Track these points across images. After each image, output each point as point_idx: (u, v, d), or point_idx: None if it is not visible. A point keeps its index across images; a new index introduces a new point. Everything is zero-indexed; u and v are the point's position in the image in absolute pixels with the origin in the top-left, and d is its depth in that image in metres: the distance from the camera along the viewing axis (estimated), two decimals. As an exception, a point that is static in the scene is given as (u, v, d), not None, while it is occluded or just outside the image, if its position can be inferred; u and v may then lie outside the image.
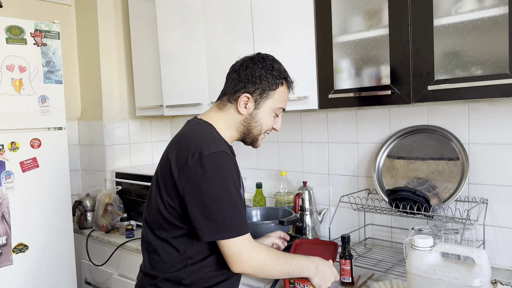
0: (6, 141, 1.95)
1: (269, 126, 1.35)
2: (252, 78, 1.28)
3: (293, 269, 1.26)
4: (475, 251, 1.13)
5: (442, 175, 1.66)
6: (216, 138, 1.25)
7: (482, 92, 1.32)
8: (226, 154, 1.20)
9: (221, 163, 1.18)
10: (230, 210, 1.17)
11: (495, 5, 1.29)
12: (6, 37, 1.93)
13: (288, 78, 1.35)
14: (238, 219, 1.18)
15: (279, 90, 1.31)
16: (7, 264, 1.95)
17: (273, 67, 1.30)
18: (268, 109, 1.32)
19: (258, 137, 1.36)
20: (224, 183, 1.17)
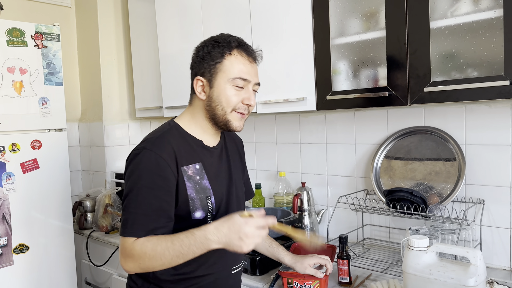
0: (7, 143, 1.97)
1: (233, 101, 1.23)
2: (198, 58, 1.25)
3: (179, 250, 1.10)
4: (470, 251, 1.15)
5: (439, 176, 1.67)
6: (153, 137, 1.22)
7: (477, 93, 1.33)
8: (149, 151, 1.16)
9: (141, 161, 1.16)
10: (136, 209, 1.15)
11: (490, 8, 1.31)
12: (7, 39, 1.95)
13: (240, 45, 1.24)
14: (141, 219, 1.14)
15: (227, 61, 1.21)
16: (7, 264, 1.97)
17: (217, 41, 1.23)
18: (222, 83, 1.22)
19: (227, 118, 1.24)
20: (136, 180, 1.16)
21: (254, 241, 1.07)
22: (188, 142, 1.26)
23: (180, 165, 1.21)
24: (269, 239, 1.54)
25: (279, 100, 1.84)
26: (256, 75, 1.27)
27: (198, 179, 1.24)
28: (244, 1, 1.93)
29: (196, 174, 1.24)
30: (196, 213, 1.23)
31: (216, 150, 1.33)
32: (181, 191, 1.21)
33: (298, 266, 1.45)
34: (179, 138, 1.26)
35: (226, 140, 1.41)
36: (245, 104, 1.24)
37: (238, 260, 1.37)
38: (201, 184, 1.25)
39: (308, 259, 1.46)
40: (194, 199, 1.23)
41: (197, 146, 1.28)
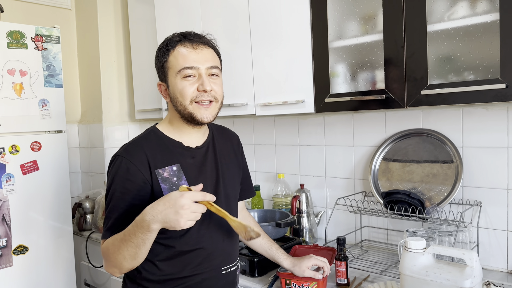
0: (7, 144, 1.98)
1: (187, 93, 1.21)
2: (155, 65, 1.29)
3: (129, 240, 1.11)
4: (466, 253, 1.16)
5: (437, 178, 1.68)
6: (130, 143, 1.27)
7: (474, 96, 1.34)
8: (120, 157, 1.21)
9: (114, 167, 1.22)
10: (109, 213, 1.21)
11: (487, 12, 1.32)
12: (7, 41, 1.96)
13: (183, 38, 1.24)
14: (112, 222, 1.19)
15: (171, 57, 1.23)
16: (7, 265, 1.98)
17: (162, 43, 1.26)
18: (173, 79, 1.23)
19: (189, 111, 1.22)
20: (110, 186, 1.22)
21: (190, 215, 1.04)
22: (166, 145, 1.27)
23: (154, 168, 1.22)
24: (269, 241, 1.54)
25: (278, 102, 1.85)
26: (206, 59, 1.23)
27: (175, 180, 1.24)
28: (243, 4, 1.94)
29: (173, 176, 1.24)
30: None
31: (200, 149, 1.32)
32: (157, 194, 1.22)
33: (296, 270, 1.46)
34: (155, 141, 1.27)
35: (216, 138, 1.39)
36: (200, 91, 1.21)
37: (229, 261, 1.35)
38: (178, 185, 1.24)
39: (306, 261, 1.46)
40: None
41: (176, 147, 1.28)
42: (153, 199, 1.20)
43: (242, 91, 1.98)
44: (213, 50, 1.28)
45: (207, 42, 1.27)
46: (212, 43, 1.29)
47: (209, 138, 1.36)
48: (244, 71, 1.96)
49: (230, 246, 1.36)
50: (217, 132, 1.42)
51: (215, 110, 1.26)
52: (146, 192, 1.21)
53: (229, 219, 1.15)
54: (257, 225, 1.59)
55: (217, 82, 1.26)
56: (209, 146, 1.35)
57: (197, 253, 1.27)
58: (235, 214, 1.41)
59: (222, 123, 2.49)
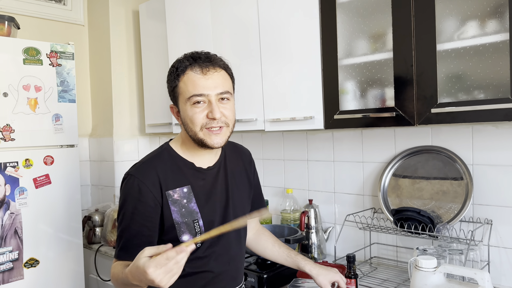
0: (21, 158, 2.01)
1: (197, 120, 1.20)
2: (167, 86, 1.27)
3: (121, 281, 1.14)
4: (478, 273, 1.15)
5: (447, 195, 1.68)
6: (141, 161, 1.28)
7: (484, 115, 1.35)
8: (132, 177, 1.22)
9: (126, 186, 1.23)
10: (121, 232, 1.22)
11: (496, 32, 1.33)
12: (24, 58, 2.01)
13: (193, 61, 1.21)
14: (124, 242, 1.21)
15: (181, 83, 1.21)
16: (18, 278, 1.99)
17: (173, 66, 1.24)
18: (183, 106, 1.22)
19: (199, 137, 1.22)
20: (122, 205, 1.23)
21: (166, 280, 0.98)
22: (178, 165, 1.27)
23: (165, 190, 1.22)
24: (286, 249, 1.52)
25: (287, 118, 1.86)
26: (216, 85, 1.21)
27: (185, 202, 1.24)
28: (253, 21, 1.97)
29: (183, 198, 1.24)
30: (183, 236, 1.23)
31: (212, 170, 1.32)
32: (166, 216, 1.22)
33: (320, 279, 1.42)
34: (168, 161, 1.27)
35: (228, 158, 1.38)
36: (209, 118, 1.20)
37: (233, 284, 1.35)
38: (187, 207, 1.24)
39: (332, 275, 1.42)
40: (180, 223, 1.23)
41: (188, 168, 1.28)
42: (162, 220, 1.22)
43: (252, 107, 2.00)
44: (224, 72, 1.26)
45: (218, 64, 1.24)
46: (223, 64, 1.26)
47: (221, 158, 1.35)
48: (253, 87, 1.98)
49: (235, 270, 1.36)
50: (229, 151, 1.40)
51: (226, 135, 1.25)
52: (157, 213, 1.22)
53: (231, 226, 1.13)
54: (273, 236, 1.58)
55: (228, 107, 1.23)
56: (221, 167, 1.35)
57: (202, 276, 1.27)
58: (243, 234, 1.41)
59: (231, 138, 2.51)
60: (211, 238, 1.23)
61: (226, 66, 1.28)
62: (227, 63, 1.28)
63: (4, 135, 1.95)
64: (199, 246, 1.26)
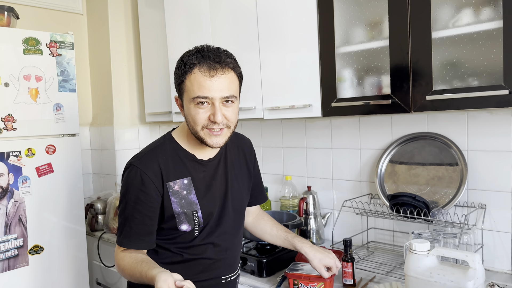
0: (23, 148, 2.04)
1: (199, 120, 1.20)
2: (174, 79, 1.27)
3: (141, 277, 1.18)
4: (469, 255, 1.19)
5: (442, 181, 1.71)
6: (143, 152, 1.29)
7: (478, 102, 1.37)
8: (134, 167, 1.24)
9: (128, 176, 1.25)
10: (124, 220, 1.26)
11: (490, 19, 1.35)
12: (24, 48, 2.03)
13: (202, 60, 1.19)
14: (127, 230, 1.25)
15: (188, 81, 1.20)
16: (23, 265, 2.04)
17: (182, 59, 1.22)
18: (187, 103, 1.22)
19: (199, 135, 1.23)
20: (124, 194, 1.26)
21: None
22: (179, 157, 1.29)
23: (166, 181, 1.25)
24: (284, 232, 1.54)
25: (285, 106, 1.89)
26: (221, 89, 1.19)
27: (185, 193, 1.27)
28: (251, 9, 1.98)
29: (183, 189, 1.27)
30: (182, 226, 1.27)
31: (212, 162, 1.34)
32: (166, 207, 1.26)
33: (315, 263, 1.45)
34: (170, 152, 1.29)
35: (228, 149, 1.39)
36: (211, 120, 1.20)
37: (229, 271, 1.38)
38: (187, 198, 1.27)
39: (327, 260, 1.45)
40: (180, 213, 1.26)
41: (189, 160, 1.30)
42: (163, 210, 1.26)
43: (250, 95, 2.02)
44: (233, 73, 1.23)
45: (227, 65, 1.21)
46: (232, 64, 1.23)
47: (221, 149, 1.37)
48: (252, 75, 2.00)
49: (233, 258, 1.39)
50: (230, 142, 1.36)
51: (226, 136, 1.25)
52: (158, 203, 1.25)
53: None
54: (272, 220, 1.62)
55: (231, 110, 1.22)
56: (221, 158, 1.37)
57: (199, 262, 1.31)
58: (241, 224, 1.44)
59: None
60: (209, 228, 1.30)
61: (235, 66, 1.25)
62: (236, 63, 1.25)
63: (6, 124, 1.98)
64: (197, 235, 1.30)
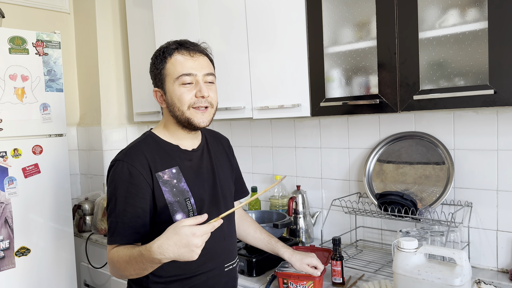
0: (9, 148, 2.01)
1: (185, 99, 1.26)
2: (150, 72, 1.33)
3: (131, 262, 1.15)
4: (456, 253, 1.21)
5: (429, 179, 1.73)
6: (128, 147, 1.30)
7: (464, 102, 1.39)
8: (121, 162, 1.24)
9: (115, 172, 1.25)
10: (115, 217, 1.23)
11: (476, 20, 1.37)
12: (9, 47, 2.00)
13: (180, 46, 1.29)
14: (119, 227, 1.22)
15: (169, 64, 1.27)
16: (10, 267, 2.01)
17: (159, 49, 1.31)
18: (171, 86, 1.27)
19: (186, 116, 1.27)
20: (114, 191, 1.24)
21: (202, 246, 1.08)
22: (164, 149, 1.31)
23: (155, 171, 1.26)
24: (268, 236, 1.58)
25: (274, 106, 1.89)
26: (203, 66, 1.29)
27: (175, 182, 1.29)
28: (240, 8, 1.98)
29: (173, 178, 1.29)
30: (177, 215, 1.27)
31: (197, 152, 1.37)
32: (158, 197, 1.26)
33: (296, 264, 1.49)
34: (153, 145, 1.31)
35: (209, 141, 1.45)
36: (198, 97, 1.27)
37: (230, 258, 1.40)
38: (178, 187, 1.29)
39: (308, 259, 1.50)
40: (173, 202, 1.27)
41: (174, 151, 1.32)
42: (155, 202, 1.25)
43: (239, 95, 2.02)
44: (207, 59, 1.34)
45: (203, 50, 1.32)
46: (207, 51, 1.34)
47: (202, 141, 1.42)
48: (241, 75, 2.00)
49: (231, 245, 1.42)
50: (209, 136, 1.48)
51: (210, 115, 1.32)
52: (149, 194, 1.25)
53: (235, 209, 1.23)
54: (255, 223, 1.64)
55: (213, 89, 1.32)
56: (204, 149, 1.41)
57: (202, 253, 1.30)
58: (233, 212, 1.45)
59: (220, 126, 2.54)
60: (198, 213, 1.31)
61: (209, 54, 1.36)
62: (209, 52, 1.36)
63: (-8, 125, 1.95)
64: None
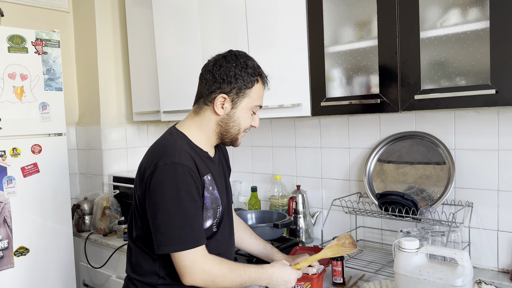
0: (8, 147, 2.00)
1: (247, 124, 1.32)
2: (227, 77, 1.25)
3: (246, 280, 1.26)
4: (458, 253, 1.20)
5: (430, 179, 1.73)
6: (176, 149, 1.22)
7: (465, 101, 1.39)
8: (181, 165, 1.18)
9: (174, 175, 1.17)
10: (180, 223, 1.17)
11: (477, 20, 1.37)
12: (8, 46, 1.99)
13: (262, 74, 1.32)
14: (189, 232, 1.18)
15: (255, 88, 1.29)
16: (8, 267, 2.00)
17: (247, 65, 1.27)
18: (245, 107, 1.29)
19: (237, 137, 1.33)
20: (176, 195, 1.17)
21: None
22: (198, 154, 1.28)
23: (201, 176, 1.25)
24: (263, 242, 1.59)
25: (274, 105, 1.89)
26: None
27: (211, 189, 1.28)
28: (240, 8, 1.97)
29: (209, 185, 1.28)
30: (207, 222, 1.28)
31: (216, 159, 1.38)
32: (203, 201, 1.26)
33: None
34: (191, 149, 1.27)
35: (219, 149, 1.45)
36: (252, 126, 1.35)
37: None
38: (213, 194, 1.29)
39: (299, 258, 1.49)
40: (209, 209, 1.27)
41: (205, 157, 1.30)
42: None
43: (240, 95, 2.01)
44: None
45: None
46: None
47: (216, 150, 1.42)
48: (241, 75, 1.99)
49: (233, 251, 1.45)
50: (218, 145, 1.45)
51: None
52: (201, 198, 1.24)
53: (322, 254, 1.42)
54: (249, 229, 1.64)
55: None
56: (220, 156, 1.43)
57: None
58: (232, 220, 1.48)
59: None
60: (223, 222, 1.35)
61: None
62: None
63: (-9, 124, 1.94)
64: (216, 231, 1.33)
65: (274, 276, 1.30)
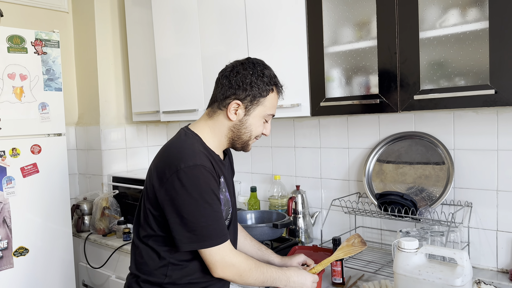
0: (8, 147, 2.00)
1: (258, 132, 1.35)
2: (243, 84, 1.27)
3: (268, 279, 1.32)
4: (457, 253, 1.21)
5: (429, 180, 1.73)
6: (195, 151, 1.25)
7: (465, 102, 1.39)
8: (202, 167, 1.21)
9: (197, 176, 1.20)
10: (207, 221, 1.21)
11: (477, 20, 1.37)
12: (8, 46, 1.99)
13: (278, 84, 1.34)
14: (216, 228, 1.23)
15: (269, 97, 1.31)
16: (8, 267, 2.00)
17: (264, 74, 1.29)
18: (258, 115, 1.32)
19: (248, 143, 1.36)
20: (200, 195, 1.20)
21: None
22: (212, 156, 1.30)
23: (218, 177, 1.28)
24: (257, 243, 1.60)
25: (274, 106, 1.88)
26: None
27: (224, 191, 1.32)
28: (240, 9, 1.98)
29: (223, 187, 1.32)
30: None
31: (227, 163, 1.40)
32: None
33: (287, 265, 1.52)
34: (206, 151, 1.29)
35: (226, 154, 1.46)
36: (263, 134, 1.38)
37: None
38: (226, 196, 1.32)
39: (296, 258, 1.54)
40: (223, 210, 1.29)
41: (218, 160, 1.32)
42: None
43: (239, 95, 2.01)
44: None
45: None
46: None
47: (224, 152, 1.43)
48: (241, 75, 1.99)
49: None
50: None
51: None
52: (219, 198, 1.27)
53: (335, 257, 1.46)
54: (244, 231, 1.64)
55: None
56: (228, 161, 1.44)
57: None
58: None
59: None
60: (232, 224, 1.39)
61: None
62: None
63: (-10, 124, 1.94)
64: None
65: (291, 279, 1.34)
